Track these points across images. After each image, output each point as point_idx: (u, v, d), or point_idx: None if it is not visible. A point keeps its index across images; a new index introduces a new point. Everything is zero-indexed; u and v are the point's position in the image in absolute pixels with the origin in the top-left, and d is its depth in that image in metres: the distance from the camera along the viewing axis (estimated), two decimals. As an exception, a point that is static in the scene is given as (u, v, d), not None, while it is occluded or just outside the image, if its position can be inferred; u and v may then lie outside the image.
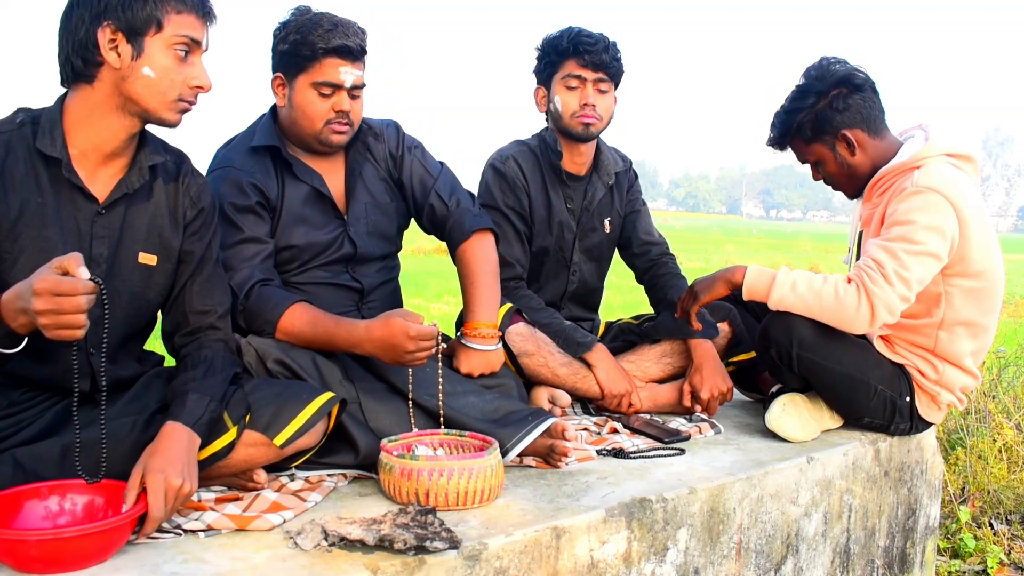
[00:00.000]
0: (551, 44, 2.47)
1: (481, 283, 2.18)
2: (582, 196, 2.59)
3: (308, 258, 2.10)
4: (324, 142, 2.06)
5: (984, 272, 2.20)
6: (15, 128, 1.58)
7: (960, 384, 2.31)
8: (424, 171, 2.26)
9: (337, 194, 2.15)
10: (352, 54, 2.00)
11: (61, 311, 1.27)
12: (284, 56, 2.03)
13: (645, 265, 2.73)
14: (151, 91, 1.55)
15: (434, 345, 1.83)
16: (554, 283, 2.64)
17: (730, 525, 1.93)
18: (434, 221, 2.26)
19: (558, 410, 2.33)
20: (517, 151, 2.55)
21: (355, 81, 2.02)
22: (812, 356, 2.18)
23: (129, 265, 1.66)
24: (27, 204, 1.55)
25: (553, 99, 2.47)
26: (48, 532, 1.35)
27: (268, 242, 2.02)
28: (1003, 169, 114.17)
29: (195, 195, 1.75)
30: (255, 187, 2.02)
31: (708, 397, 2.39)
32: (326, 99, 2.01)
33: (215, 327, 1.77)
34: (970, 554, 2.80)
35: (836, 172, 2.33)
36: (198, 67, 1.59)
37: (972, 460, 3.21)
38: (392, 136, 2.26)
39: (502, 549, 1.51)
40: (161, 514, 1.41)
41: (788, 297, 2.14)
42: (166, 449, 1.46)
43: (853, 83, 2.27)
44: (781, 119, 2.35)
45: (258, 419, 1.65)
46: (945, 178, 2.14)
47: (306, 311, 1.92)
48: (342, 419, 1.79)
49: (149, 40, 1.53)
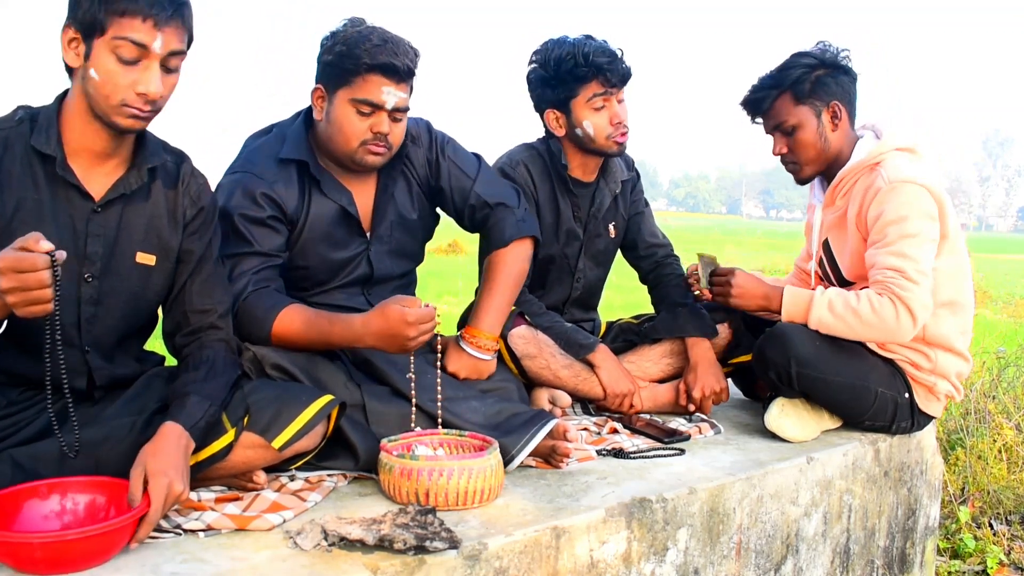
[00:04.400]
0: (565, 69, 2.32)
1: (498, 293, 2.15)
2: (589, 203, 2.55)
3: (324, 278, 2.05)
4: (358, 162, 1.98)
5: (956, 247, 2.26)
6: (13, 125, 1.58)
7: (955, 370, 2.32)
8: (461, 172, 2.17)
9: (364, 212, 2.08)
10: (398, 73, 1.90)
11: (27, 287, 1.28)
12: (328, 67, 1.93)
13: (650, 266, 2.72)
14: (97, 94, 1.52)
15: (435, 324, 1.80)
16: (559, 289, 2.63)
17: (730, 525, 1.93)
18: (475, 222, 2.22)
19: (558, 411, 2.33)
20: (526, 156, 2.49)
21: (398, 103, 1.92)
22: (811, 372, 2.19)
23: (127, 265, 1.66)
24: (23, 201, 1.55)
25: (580, 124, 2.36)
26: (51, 535, 1.34)
27: (275, 256, 1.96)
28: (1003, 169, 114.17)
29: (195, 195, 1.74)
30: (270, 199, 1.94)
31: (700, 396, 2.39)
32: (365, 118, 1.92)
33: (216, 326, 1.76)
34: (970, 554, 2.80)
35: (810, 142, 2.30)
36: (148, 72, 1.52)
37: (972, 460, 3.21)
38: (426, 138, 2.17)
39: (502, 549, 1.51)
40: (159, 517, 1.41)
41: (826, 318, 2.17)
42: (166, 452, 1.46)
43: (846, 69, 2.32)
44: (773, 75, 2.32)
45: (257, 421, 1.64)
46: (911, 168, 2.20)
47: (298, 314, 1.87)
48: (341, 424, 1.78)
49: (96, 42, 1.50)
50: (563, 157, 2.46)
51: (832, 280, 2.43)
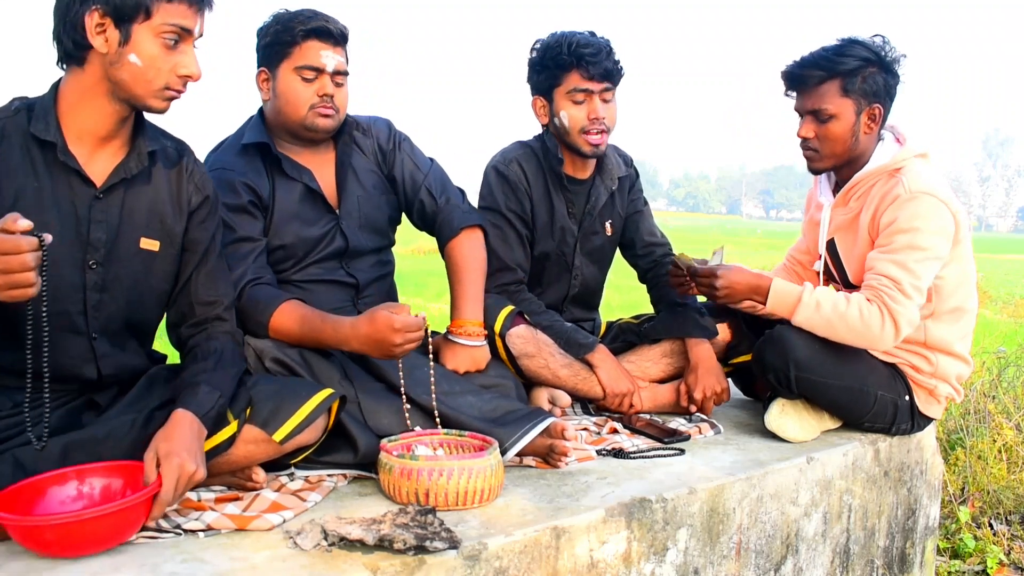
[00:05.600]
0: (549, 56, 2.36)
1: (467, 280, 2.19)
2: (584, 200, 2.55)
3: (302, 255, 2.10)
4: (310, 127, 2.06)
5: (965, 255, 2.24)
6: (10, 115, 1.58)
7: (955, 373, 2.32)
8: (414, 166, 2.27)
9: (328, 189, 2.15)
10: (332, 37, 2.02)
11: (9, 270, 1.27)
12: (267, 48, 2.05)
13: (648, 265, 2.72)
14: (137, 79, 1.53)
15: (422, 335, 1.82)
16: (556, 286, 2.63)
17: (730, 525, 1.93)
18: (423, 217, 2.28)
19: (558, 410, 2.33)
20: (520, 154, 2.50)
21: (337, 66, 2.04)
22: (810, 376, 2.18)
23: (131, 251, 1.66)
24: (23, 190, 1.54)
25: (558, 114, 2.37)
26: (59, 516, 1.36)
27: (260, 240, 2.03)
28: (1003, 169, 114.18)
29: (199, 182, 1.75)
30: (247, 186, 2.02)
31: (701, 397, 2.39)
32: (309, 84, 2.02)
33: (222, 318, 1.77)
34: (970, 554, 2.80)
35: (841, 137, 2.21)
36: (188, 56, 1.56)
37: (972, 460, 3.21)
38: (383, 130, 2.27)
39: (502, 549, 1.51)
40: (171, 497, 1.41)
41: (813, 318, 2.15)
42: (179, 435, 1.47)
43: (896, 72, 2.23)
44: (827, 57, 2.19)
45: (258, 414, 1.65)
46: (933, 179, 2.17)
47: (295, 310, 1.92)
48: (341, 417, 1.79)
49: (137, 27, 1.51)
50: (558, 151, 2.46)
51: (837, 281, 2.42)
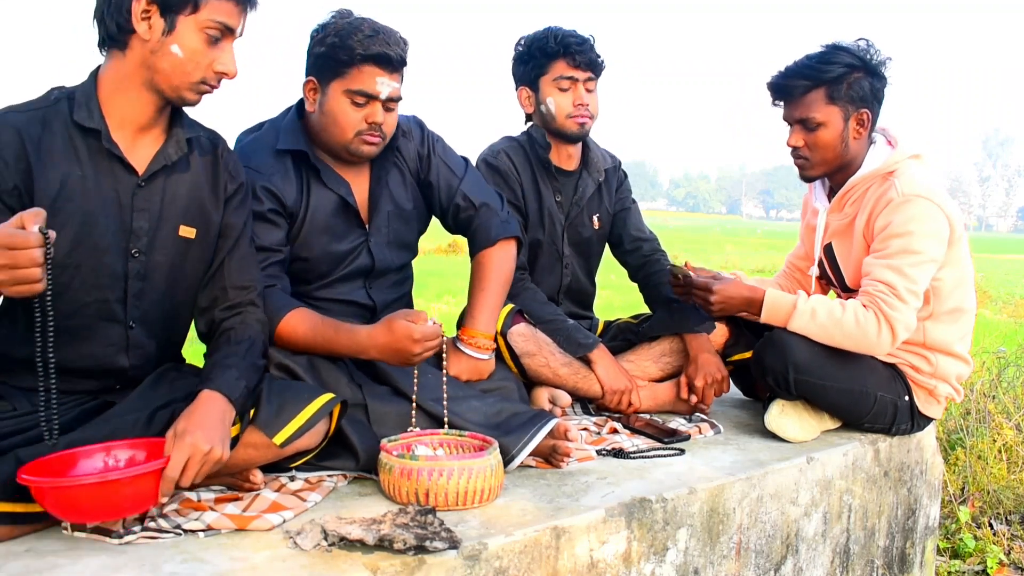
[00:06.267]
0: (536, 46, 2.46)
1: (489, 291, 2.17)
2: (572, 191, 2.61)
3: (326, 270, 2.06)
4: (353, 153, 2.00)
5: (961, 255, 2.24)
6: (50, 104, 1.58)
7: (955, 373, 2.32)
8: (449, 171, 2.21)
9: (360, 203, 2.09)
10: (391, 64, 1.92)
11: (16, 265, 1.27)
12: (320, 59, 1.94)
13: (638, 262, 2.74)
14: (176, 69, 1.55)
15: (439, 343, 1.82)
16: (549, 277, 2.65)
17: (730, 525, 1.93)
18: (458, 222, 2.24)
19: (558, 410, 2.33)
20: (507, 146, 2.57)
21: (391, 93, 1.95)
22: (809, 378, 2.18)
23: (170, 238, 1.67)
24: (67, 178, 1.55)
25: (544, 101, 2.48)
26: (57, 480, 1.37)
27: (278, 250, 1.96)
28: (1003, 169, 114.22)
29: (233, 170, 1.77)
30: (269, 192, 1.95)
31: (703, 384, 2.40)
32: (359, 109, 1.94)
33: (255, 304, 1.78)
34: (970, 554, 2.80)
35: (830, 144, 2.22)
36: (227, 53, 1.58)
37: (972, 460, 3.21)
38: (417, 134, 2.21)
39: (502, 549, 1.51)
40: (176, 474, 1.40)
41: (809, 326, 2.15)
42: (202, 414, 1.47)
43: (882, 75, 2.23)
44: (810, 66, 2.20)
45: (259, 416, 1.64)
46: (927, 181, 2.16)
47: (305, 318, 1.89)
48: (342, 425, 1.78)
49: (183, 19, 1.53)
50: (545, 140, 2.53)
51: (835, 286, 2.42)
